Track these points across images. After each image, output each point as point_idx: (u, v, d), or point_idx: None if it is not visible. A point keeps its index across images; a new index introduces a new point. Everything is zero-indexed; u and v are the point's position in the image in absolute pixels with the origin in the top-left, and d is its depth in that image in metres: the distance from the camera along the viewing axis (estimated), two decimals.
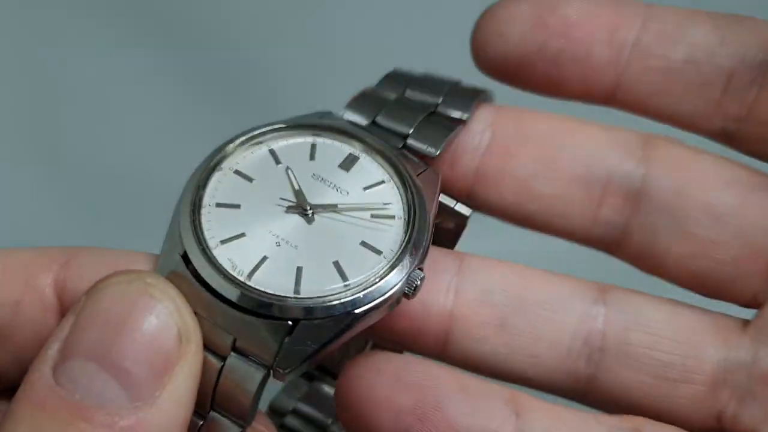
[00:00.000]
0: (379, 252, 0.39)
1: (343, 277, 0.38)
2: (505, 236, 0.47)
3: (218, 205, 0.40)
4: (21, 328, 0.38)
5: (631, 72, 0.43)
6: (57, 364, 0.33)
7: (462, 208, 0.44)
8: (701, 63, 0.43)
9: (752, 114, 0.42)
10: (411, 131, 0.43)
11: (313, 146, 0.42)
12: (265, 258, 0.38)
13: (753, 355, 0.41)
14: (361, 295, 0.37)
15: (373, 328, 0.38)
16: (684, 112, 0.43)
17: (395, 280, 0.38)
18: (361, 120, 0.43)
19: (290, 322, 0.36)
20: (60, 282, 0.38)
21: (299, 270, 0.38)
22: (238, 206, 0.40)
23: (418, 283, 0.38)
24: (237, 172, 0.41)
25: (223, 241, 0.38)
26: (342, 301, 0.37)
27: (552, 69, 0.43)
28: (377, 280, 0.38)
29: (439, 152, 0.42)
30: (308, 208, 0.40)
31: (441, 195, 0.43)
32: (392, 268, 0.38)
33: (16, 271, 0.39)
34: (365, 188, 0.41)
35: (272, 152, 0.42)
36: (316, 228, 0.40)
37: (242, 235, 0.39)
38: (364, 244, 0.39)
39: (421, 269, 0.38)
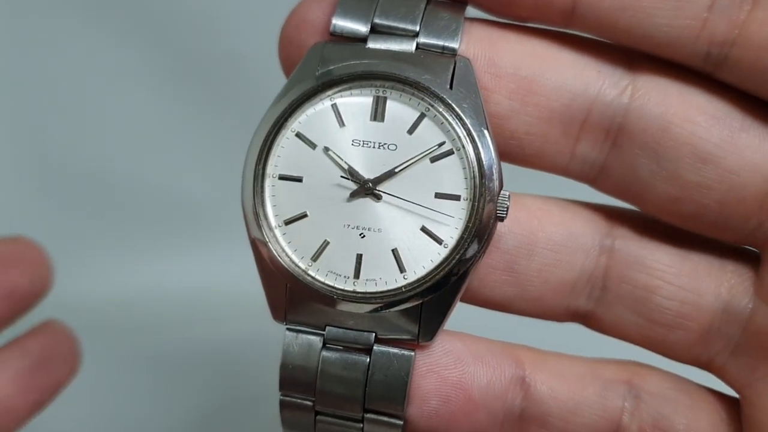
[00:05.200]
0: (457, 197, 0.38)
1: (438, 241, 0.38)
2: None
3: (286, 223, 0.39)
4: None
5: None
6: None
7: None
8: None
9: (744, 36, 0.36)
10: (419, 28, 0.38)
11: (336, 109, 0.39)
12: (360, 256, 0.38)
13: (752, 310, 0.40)
14: (465, 251, 0.37)
15: None
16: (659, 34, 0.37)
17: (486, 227, 0.38)
18: (360, 26, 0.39)
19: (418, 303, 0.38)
20: None
21: (395, 252, 0.38)
22: (305, 215, 0.38)
23: (508, 203, 0.38)
24: (282, 177, 0.39)
25: (313, 259, 0.38)
26: (451, 266, 0.37)
27: None
28: (470, 235, 0.37)
29: (459, 45, 0.38)
30: (369, 185, 0.38)
31: None
32: (479, 215, 0.37)
33: None
34: (409, 131, 0.38)
35: (300, 136, 0.38)
36: (387, 202, 0.38)
37: (326, 243, 0.38)
38: (438, 195, 0.38)
39: (503, 190, 0.38)
